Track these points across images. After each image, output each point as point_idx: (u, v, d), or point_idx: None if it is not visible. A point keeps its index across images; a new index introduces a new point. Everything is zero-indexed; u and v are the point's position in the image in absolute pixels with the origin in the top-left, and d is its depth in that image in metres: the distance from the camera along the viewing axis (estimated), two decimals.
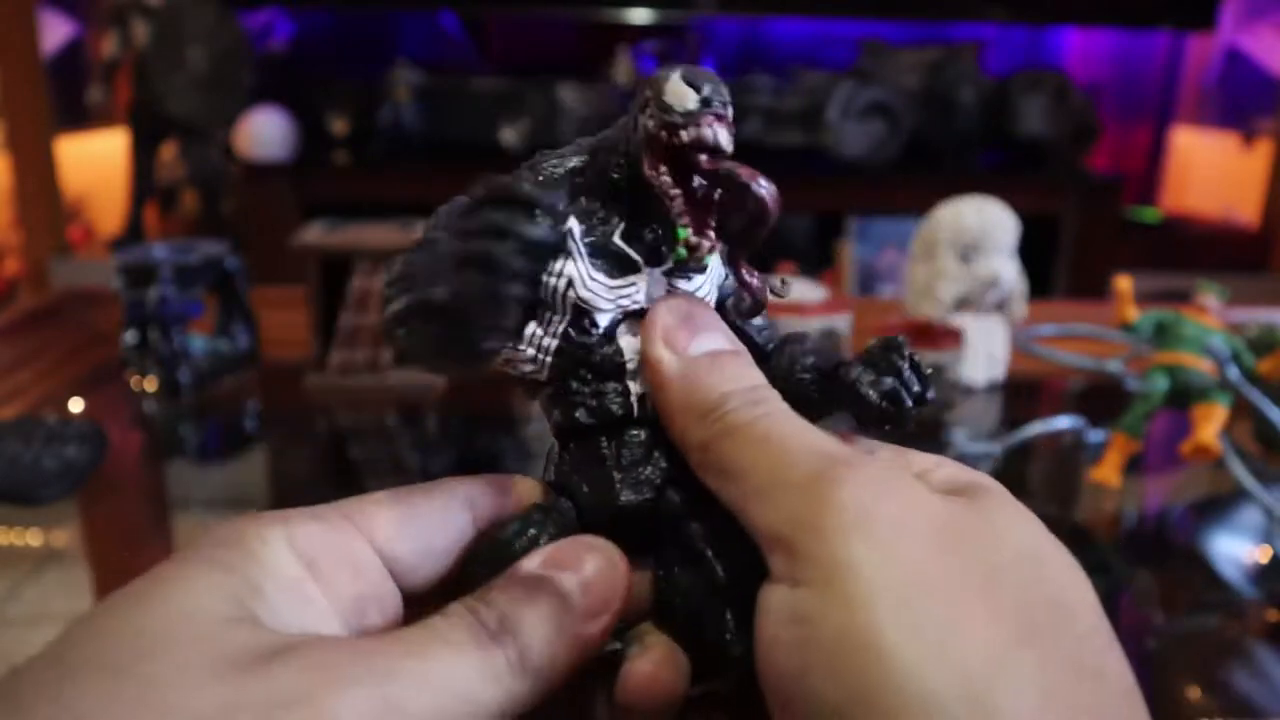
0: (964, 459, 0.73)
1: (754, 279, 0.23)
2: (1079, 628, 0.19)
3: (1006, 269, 0.88)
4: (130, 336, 0.82)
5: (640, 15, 2.17)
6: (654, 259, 0.22)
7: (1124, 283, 0.71)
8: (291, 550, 0.19)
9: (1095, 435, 0.75)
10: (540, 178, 0.22)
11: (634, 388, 0.22)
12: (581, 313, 0.22)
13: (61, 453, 0.62)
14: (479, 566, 0.21)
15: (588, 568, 0.20)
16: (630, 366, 0.22)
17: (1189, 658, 0.54)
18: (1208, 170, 2.51)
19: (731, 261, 0.23)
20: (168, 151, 2.07)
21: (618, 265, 0.22)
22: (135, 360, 0.82)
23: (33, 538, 0.62)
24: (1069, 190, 2.12)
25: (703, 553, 0.21)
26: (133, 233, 2.01)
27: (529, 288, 0.21)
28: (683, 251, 0.21)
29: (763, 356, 0.24)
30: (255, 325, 0.88)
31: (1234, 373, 0.67)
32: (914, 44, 2.23)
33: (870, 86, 2.07)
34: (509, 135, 2.09)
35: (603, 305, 0.22)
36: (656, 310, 0.22)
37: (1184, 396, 0.68)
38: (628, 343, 0.22)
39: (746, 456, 0.20)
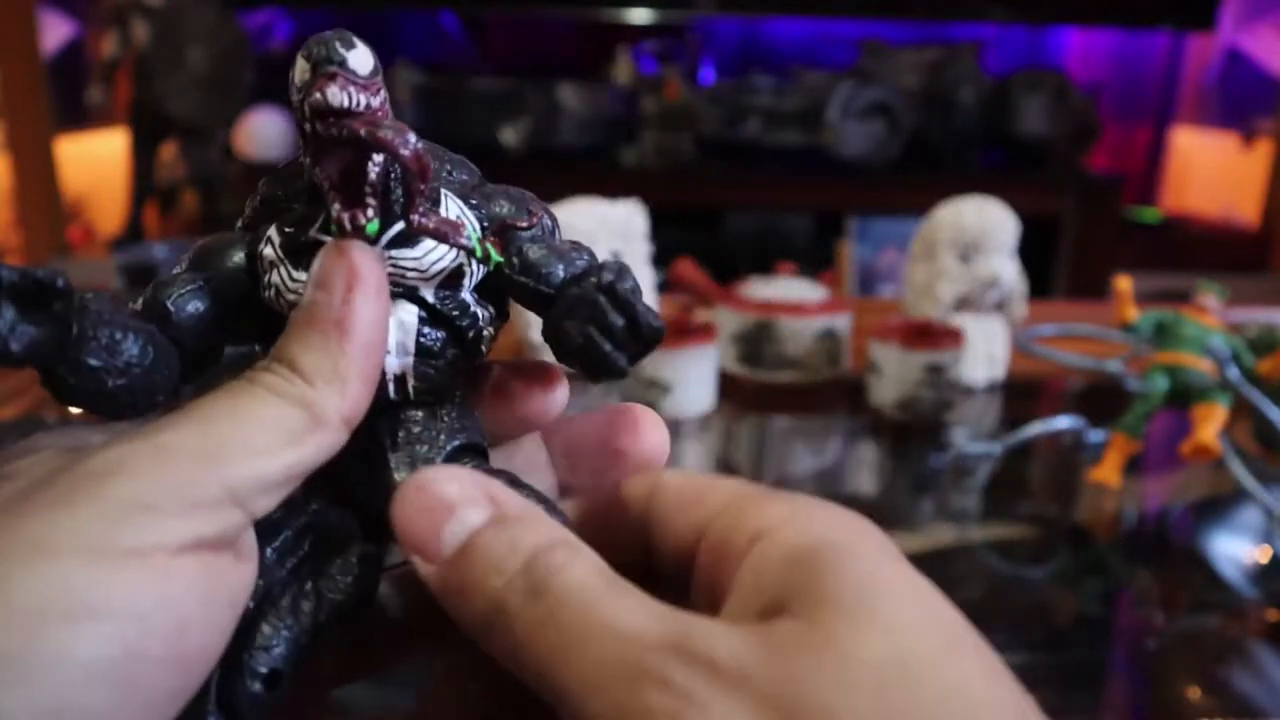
0: (964, 459, 0.73)
1: (430, 221, 0.20)
2: None
3: (1006, 269, 0.88)
4: None
5: (640, 15, 2.17)
6: (375, 238, 0.21)
7: (1124, 283, 0.71)
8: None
9: (1095, 435, 0.75)
10: (243, 221, 0.22)
11: (390, 368, 0.21)
12: None
13: None
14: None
15: (317, 274, 0.20)
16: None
17: (1189, 658, 0.54)
18: (1208, 170, 2.51)
19: (402, 218, 0.20)
20: (168, 151, 2.07)
21: None
22: None
23: None
24: (1069, 190, 2.12)
25: None
26: (133, 233, 2.01)
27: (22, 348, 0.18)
28: (339, 229, 0.20)
29: (546, 301, 0.22)
30: None
31: (1234, 373, 0.67)
32: (914, 44, 2.23)
33: (870, 86, 2.07)
34: (509, 135, 2.09)
35: None
36: (396, 511, 0.19)
37: (1184, 396, 0.68)
38: None
39: (549, 678, 0.17)
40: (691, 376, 0.79)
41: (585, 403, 0.80)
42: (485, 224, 0.22)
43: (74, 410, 0.20)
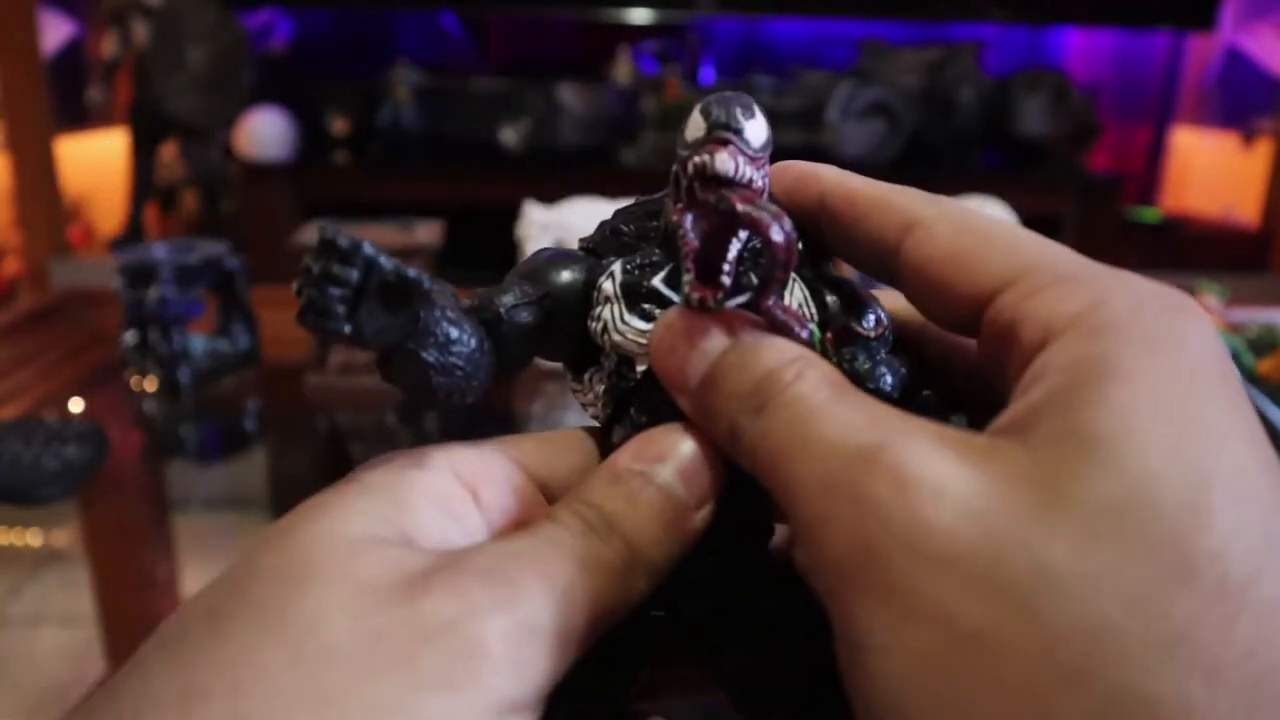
0: None
1: (785, 317, 0.20)
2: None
3: None
4: (130, 336, 0.82)
5: (640, 15, 2.17)
6: None
7: None
8: (454, 474, 0.20)
9: None
10: (590, 242, 0.23)
11: None
12: (621, 357, 0.21)
13: (61, 453, 0.63)
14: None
15: (682, 452, 0.20)
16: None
17: None
18: (1208, 170, 2.51)
19: (760, 294, 0.20)
20: (168, 151, 2.07)
21: (659, 307, 0.21)
22: (135, 360, 0.82)
23: (33, 538, 0.62)
24: (1069, 190, 2.12)
25: (760, 637, 0.21)
26: (133, 233, 2.01)
27: (354, 323, 0.19)
28: (686, 299, 0.19)
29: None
30: (255, 325, 0.88)
31: None
32: (914, 44, 2.24)
33: (870, 86, 2.07)
34: (509, 135, 2.09)
35: (633, 348, 0.21)
36: (652, 354, 0.20)
37: None
38: None
39: (777, 484, 0.18)
40: None
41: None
42: (821, 310, 0.21)
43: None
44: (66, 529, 0.63)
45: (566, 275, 0.22)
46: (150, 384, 0.82)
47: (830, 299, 0.22)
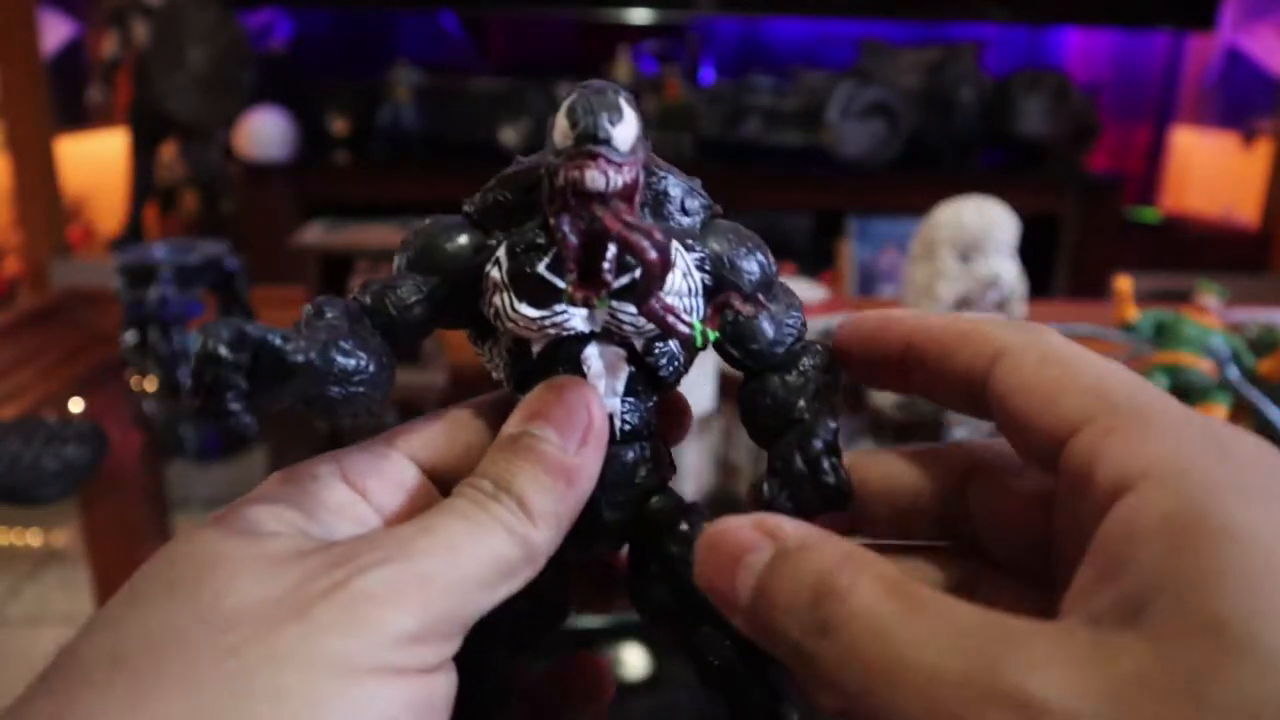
0: None
1: (660, 315, 0.20)
2: None
3: (1006, 269, 0.88)
4: (130, 336, 0.82)
5: (640, 15, 2.17)
6: None
7: (1124, 283, 0.72)
8: (344, 481, 0.21)
9: None
10: (473, 208, 0.23)
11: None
12: (517, 339, 0.22)
13: (61, 453, 0.63)
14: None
15: (557, 411, 0.21)
16: (595, 387, 0.22)
17: None
18: (1208, 170, 2.51)
19: (638, 302, 0.20)
20: (168, 151, 2.07)
21: (546, 294, 0.21)
22: (135, 360, 0.82)
23: (33, 538, 0.62)
24: (1069, 190, 2.12)
25: (677, 570, 0.22)
26: (133, 233, 2.01)
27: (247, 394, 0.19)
28: (569, 298, 0.20)
29: (748, 372, 0.24)
30: None
31: (1234, 373, 0.67)
32: (914, 44, 2.24)
33: (870, 86, 2.07)
34: (509, 135, 2.09)
35: (527, 334, 0.22)
36: (698, 573, 0.20)
37: (1184, 396, 0.68)
38: (594, 364, 0.22)
39: (876, 705, 0.16)
40: (692, 377, 0.79)
41: None
42: (707, 282, 0.22)
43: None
44: (66, 529, 0.63)
45: (453, 254, 0.22)
46: (150, 384, 0.82)
47: (721, 246, 0.23)
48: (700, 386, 0.80)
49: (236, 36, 1.94)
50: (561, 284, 0.21)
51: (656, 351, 0.23)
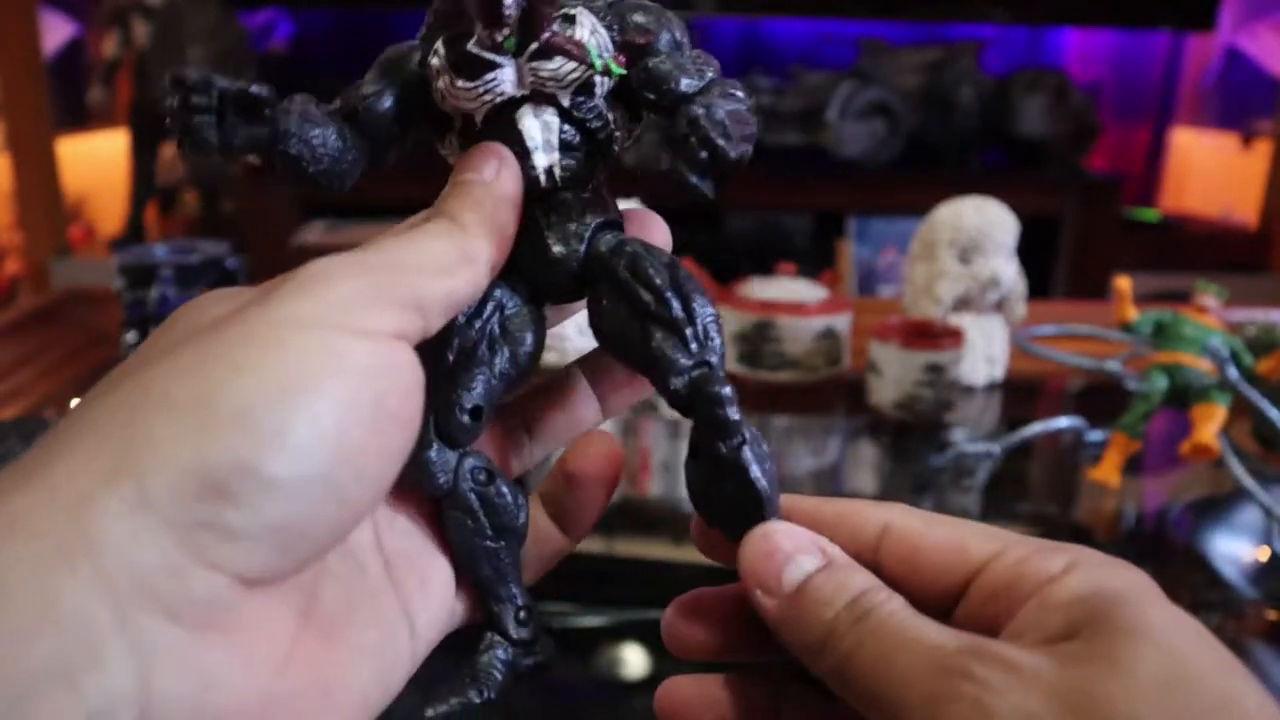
0: (964, 459, 0.73)
1: (559, 42, 0.24)
2: None
3: (1006, 269, 0.88)
4: (130, 336, 0.82)
5: None
6: (519, 51, 0.25)
7: (1124, 283, 0.71)
8: None
9: (1095, 435, 0.75)
10: (421, 33, 0.27)
11: (540, 162, 0.26)
12: (464, 116, 0.26)
13: None
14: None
15: (473, 159, 0.25)
16: (531, 145, 0.25)
17: None
18: (1207, 170, 2.51)
19: (535, 36, 0.24)
20: (168, 151, 2.07)
21: (477, 67, 0.24)
22: None
23: None
24: (1069, 190, 2.12)
25: (626, 281, 0.25)
26: (133, 233, 2.01)
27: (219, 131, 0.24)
28: (482, 43, 0.24)
29: (666, 113, 0.25)
30: None
31: (1233, 373, 0.67)
32: (914, 44, 2.23)
33: (870, 86, 2.07)
34: None
35: (467, 104, 0.25)
36: (743, 556, 0.24)
37: (1184, 396, 0.68)
38: (527, 124, 0.25)
39: (870, 680, 0.21)
40: None
41: None
42: (617, 39, 0.25)
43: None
44: None
45: (407, 57, 0.26)
46: None
47: (629, 21, 0.25)
48: None
49: (236, 36, 1.94)
50: (486, 54, 0.24)
51: (583, 106, 0.25)
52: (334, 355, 0.20)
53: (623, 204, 0.28)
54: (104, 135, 2.19)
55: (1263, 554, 0.64)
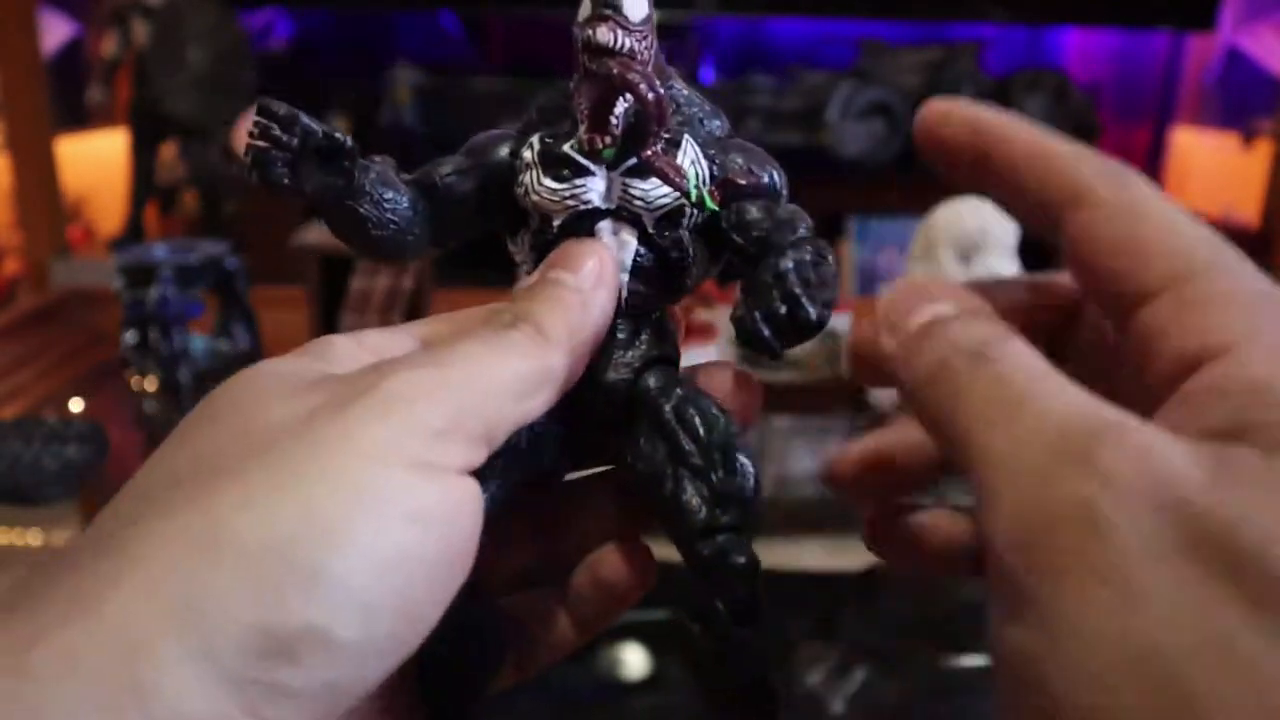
0: None
1: (660, 164, 0.23)
2: None
3: (1006, 269, 0.88)
4: (130, 336, 0.82)
5: None
6: (615, 164, 0.24)
7: None
8: (355, 344, 0.23)
9: None
10: (521, 125, 0.26)
11: None
12: (542, 216, 0.25)
13: (61, 453, 0.62)
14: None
15: (570, 258, 0.24)
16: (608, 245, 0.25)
17: None
18: (1208, 170, 2.51)
19: (636, 152, 0.24)
20: (168, 151, 2.07)
21: (570, 170, 0.24)
22: (135, 360, 0.82)
23: (33, 538, 0.62)
24: None
25: (670, 424, 0.25)
26: (133, 233, 2.01)
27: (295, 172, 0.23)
28: (580, 147, 0.24)
29: (750, 260, 0.25)
30: (255, 325, 0.88)
31: None
32: (914, 44, 2.23)
33: (870, 86, 2.07)
34: None
35: (550, 207, 0.24)
36: (881, 299, 0.23)
37: None
38: (605, 240, 0.25)
39: (974, 433, 0.18)
40: None
41: None
42: (715, 175, 0.25)
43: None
44: (66, 529, 0.63)
45: (499, 150, 0.26)
46: (150, 384, 0.82)
47: (735, 160, 0.25)
48: None
49: (236, 36, 1.94)
50: (581, 159, 0.24)
51: (666, 234, 0.25)
52: (412, 501, 0.19)
53: (701, 353, 0.29)
54: (103, 135, 2.19)
55: None
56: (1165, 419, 0.17)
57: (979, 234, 0.86)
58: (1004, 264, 0.87)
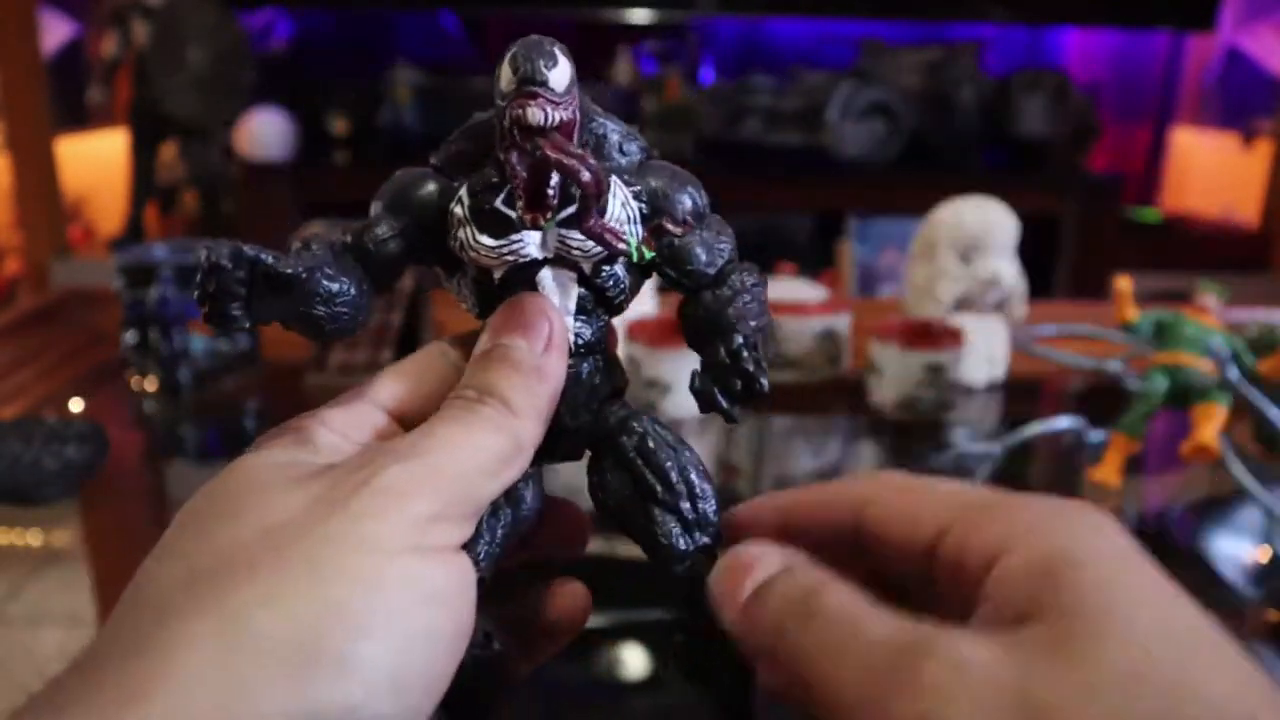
0: (964, 459, 0.73)
1: (600, 231, 0.24)
2: None
3: (1006, 269, 0.88)
4: (130, 336, 0.82)
5: (640, 15, 2.17)
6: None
7: (1124, 283, 0.71)
8: (327, 430, 0.24)
9: (1095, 435, 0.75)
10: (439, 160, 0.26)
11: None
12: (480, 268, 0.25)
13: (61, 453, 0.62)
14: None
15: (520, 322, 0.25)
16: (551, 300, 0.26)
17: None
18: (1208, 170, 2.51)
19: (579, 221, 0.24)
20: (168, 151, 2.07)
21: (502, 226, 0.24)
22: (135, 360, 0.82)
23: (33, 538, 0.62)
24: (1069, 190, 2.12)
25: (634, 462, 0.26)
26: (133, 233, 2.01)
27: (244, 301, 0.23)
28: (519, 218, 0.24)
29: (687, 291, 0.26)
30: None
31: (1234, 373, 0.67)
32: (914, 44, 2.24)
33: (870, 86, 2.07)
34: None
35: (488, 262, 0.25)
36: (713, 576, 0.24)
37: (1184, 396, 0.68)
38: (547, 287, 0.25)
39: (819, 684, 0.20)
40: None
41: None
42: (644, 210, 0.25)
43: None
44: (66, 529, 0.63)
45: (423, 198, 0.25)
46: (150, 384, 0.82)
47: (657, 184, 0.26)
48: None
49: (236, 36, 1.94)
50: (514, 215, 0.24)
51: (603, 274, 0.25)
52: (423, 584, 0.21)
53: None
54: (103, 135, 2.19)
55: (1263, 554, 0.64)
56: (977, 623, 0.20)
57: (979, 234, 0.86)
58: (1004, 264, 0.87)
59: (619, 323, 0.27)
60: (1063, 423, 0.75)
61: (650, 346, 0.77)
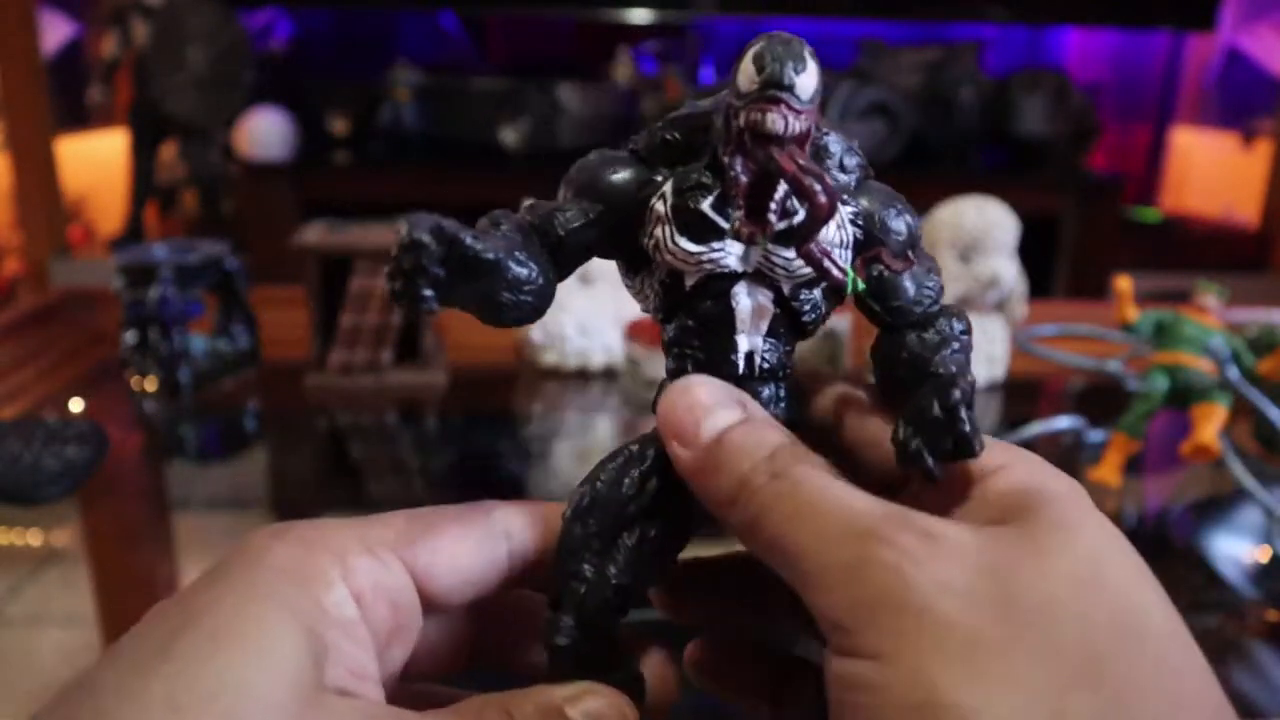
0: None
1: (820, 259, 0.22)
2: (1147, 648, 0.18)
3: (1006, 269, 0.88)
4: (130, 336, 0.82)
5: (640, 15, 2.17)
6: None
7: (1124, 283, 0.71)
8: (347, 588, 0.21)
9: (1095, 435, 0.75)
10: (639, 145, 0.24)
11: (742, 345, 0.24)
12: (672, 271, 0.23)
13: (61, 453, 0.62)
14: (592, 517, 0.24)
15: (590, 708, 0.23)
16: (740, 326, 0.23)
17: None
18: (1208, 170, 2.51)
19: (797, 245, 0.22)
20: (168, 151, 2.07)
21: (707, 231, 0.22)
22: (135, 360, 0.82)
23: (33, 538, 0.62)
24: (1069, 190, 2.12)
25: None
26: (133, 233, 2.01)
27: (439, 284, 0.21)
28: (733, 234, 0.22)
29: (888, 328, 0.24)
30: (255, 325, 0.88)
31: (1234, 373, 0.67)
32: (914, 44, 2.23)
33: (870, 86, 2.07)
34: (509, 135, 2.09)
35: (684, 267, 0.23)
36: (661, 407, 0.23)
37: (1184, 396, 0.68)
38: (741, 302, 0.23)
39: (784, 539, 0.20)
40: None
41: (584, 401, 0.80)
42: (859, 235, 0.23)
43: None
44: (66, 529, 0.63)
45: (619, 186, 0.24)
46: (150, 384, 0.82)
47: (872, 218, 0.24)
48: None
49: (236, 36, 1.94)
50: (723, 222, 0.22)
51: (802, 297, 0.24)
52: None
53: None
54: (103, 135, 2.19)
55: (1263, 554, 0.64)
56: (955, 516, 0.21)
57: (980, 233, 0.86)
58: (1004, 264, 0.87)
59: (618, 323, 0.27)
60: (1063, 423, 0.75)
61: (650, 347, 0.77)
